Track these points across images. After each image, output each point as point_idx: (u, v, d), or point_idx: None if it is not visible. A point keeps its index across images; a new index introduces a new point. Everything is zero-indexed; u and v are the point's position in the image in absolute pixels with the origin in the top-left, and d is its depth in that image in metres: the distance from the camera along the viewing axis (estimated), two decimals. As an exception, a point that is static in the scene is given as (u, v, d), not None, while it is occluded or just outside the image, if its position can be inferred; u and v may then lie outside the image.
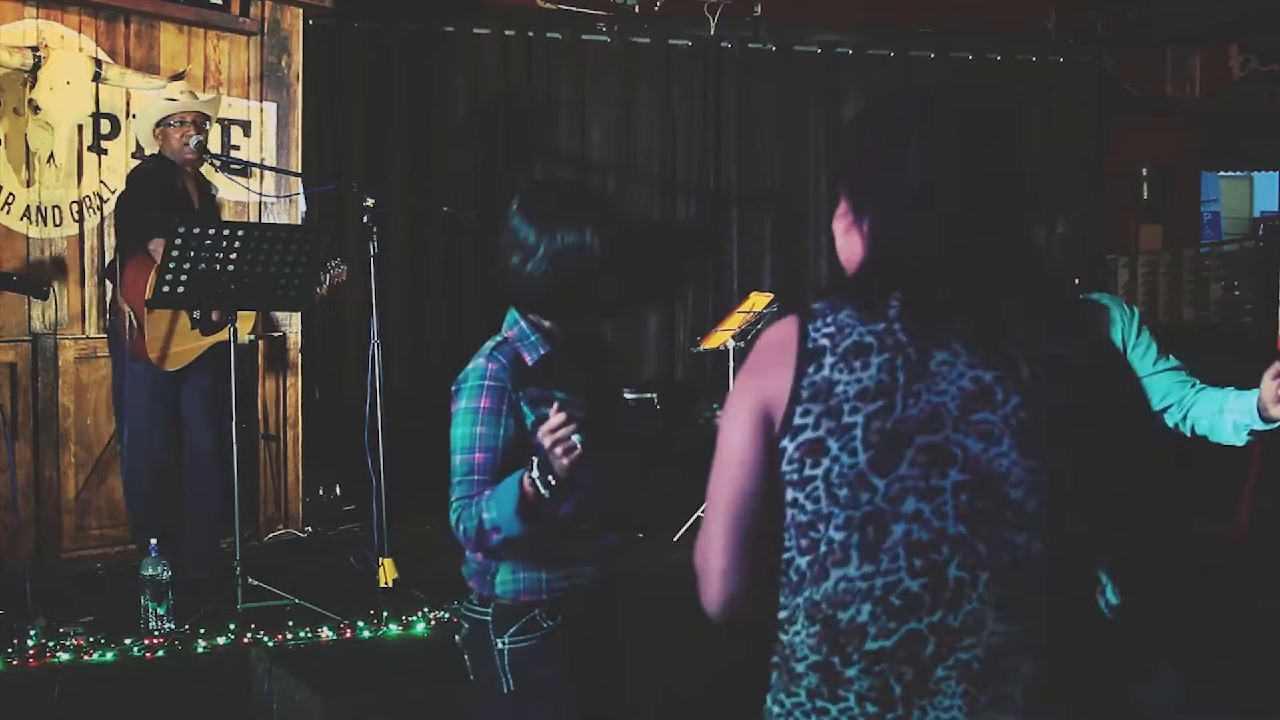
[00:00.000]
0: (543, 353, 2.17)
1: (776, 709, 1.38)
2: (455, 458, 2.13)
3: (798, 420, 1.34)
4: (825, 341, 1.34)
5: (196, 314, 4.18)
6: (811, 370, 1.34)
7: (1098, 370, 1.39)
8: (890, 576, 1.31)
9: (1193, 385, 2.57)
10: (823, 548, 1.34)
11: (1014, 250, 1.41)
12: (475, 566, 2.21)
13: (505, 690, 2.14)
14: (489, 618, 2.17)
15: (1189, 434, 2.55)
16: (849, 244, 1.44)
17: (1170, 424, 2.58)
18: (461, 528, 2.09)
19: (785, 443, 1.35)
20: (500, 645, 2.15)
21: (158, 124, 4.28)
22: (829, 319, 1.36)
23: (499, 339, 2.19)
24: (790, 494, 1.36)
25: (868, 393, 1.32)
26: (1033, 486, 1.30)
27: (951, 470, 1.31)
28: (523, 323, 2.19)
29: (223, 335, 4.20)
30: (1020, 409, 1.31)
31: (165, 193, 4.21)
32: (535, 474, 1.97)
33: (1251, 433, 2.43)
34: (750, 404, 1.38)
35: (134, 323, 4.17)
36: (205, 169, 4.48)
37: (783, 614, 1.38)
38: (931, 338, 1.33)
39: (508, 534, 2.03)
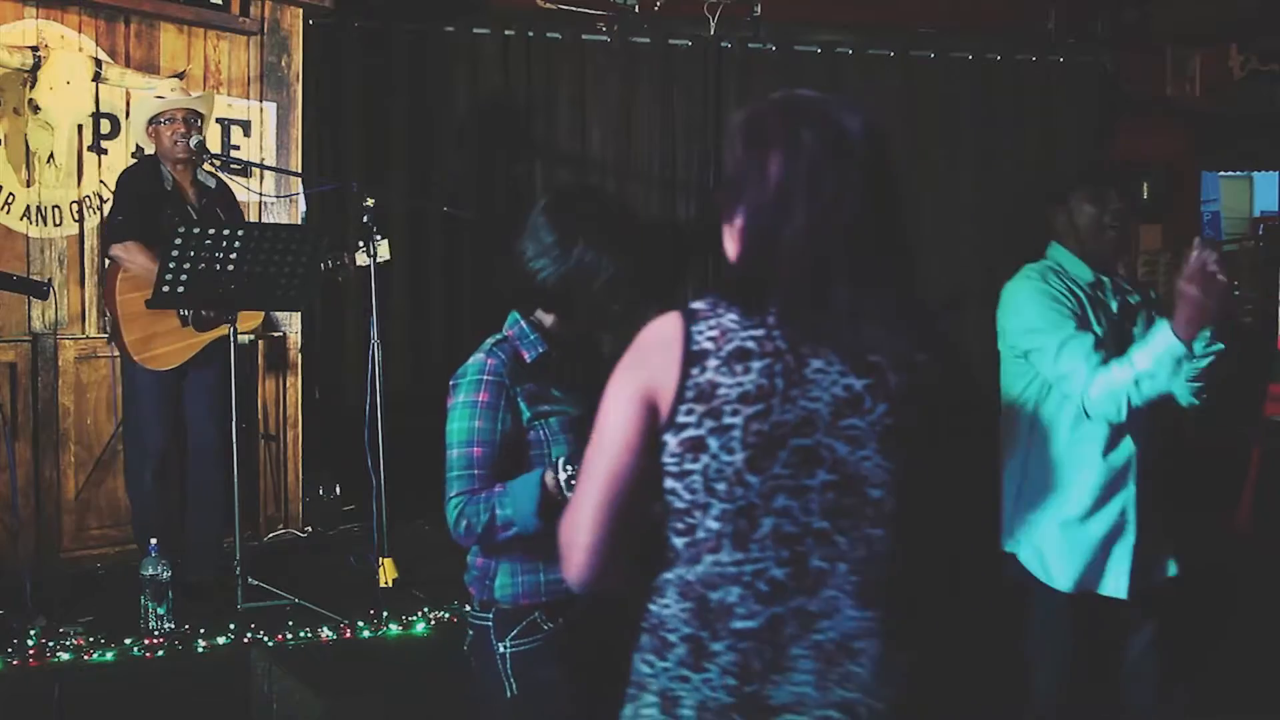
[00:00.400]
0: (541, 351, 2.18)
1: (646, 669, 1.51)
2: (452, 451, 2.12)
3: (681, 418, 1.43)
4: (709, 345, 1.44)
5: (185, 312, 4.17)
6: (696, 372, 1.43)
7: (951, 379, 1.47)
8: (759, 564, 1.44)
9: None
10: (699, 533, 1.46)
11: (884, 259, 1.47)
12: (475, 573, 2.21)
13: (509, 695, 2.14)
14: (490, 623, 2.18)
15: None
16: (729, 246, 1.52)
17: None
18: (464, 523, 2.08)
19: (667, 437, 1.45)
20: (502, 649, 2.15)
21: (150, 122, 4.28)
22: (712, 321, 1.45)
23: (499, 336, 2.20)
24: (669, 483, 1.46)
25: (748, 396, 1.42)
26: (892, 487, 1.43)
27: (819, 471, 1.42)
28: (523, 322, 2.21)
29: (220, 332, 4.20)
30: (885, 416, 1.42)
31: (145, 192, 4.20)
32: (567, 474, 1.98)
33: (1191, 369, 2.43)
34: (633, 393, 1.47)
35: (113, 326, 4.17)
36: (205, 166, 4.47)
37: (656, 586, 1.51)
38: (807, 346, 1.43)
39: (522, 531, 2.03)
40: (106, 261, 4.36)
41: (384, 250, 4.43)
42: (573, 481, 1.95)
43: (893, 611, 1.44)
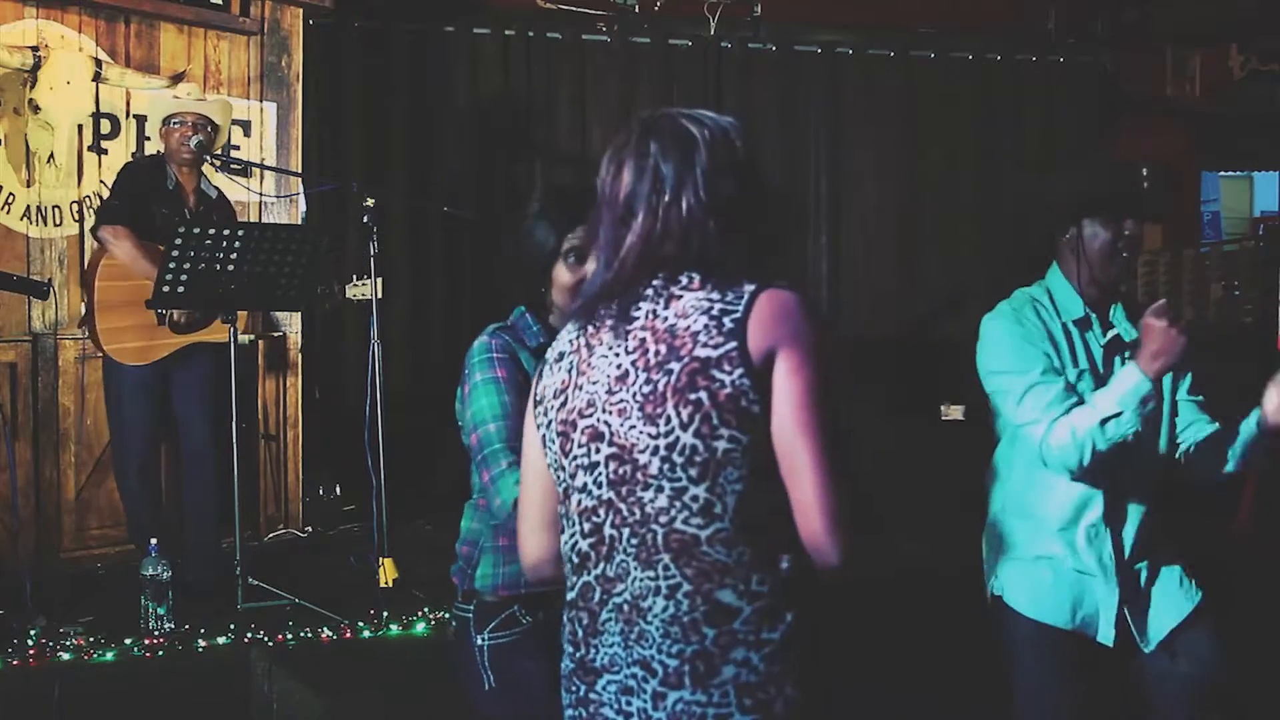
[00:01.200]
0: (542, 340, 2.19)
1: None
2: (486, 427, 2.10)
3: (536, 420, 1.66)
4: (550, 354, 1.66)
5: (163, 312, 4.16)
6: (538, 380, 1.67)
7: (730, 332, 1.49)
8: (573, 539, 1.59)
9: (1208, 422, 2.54)
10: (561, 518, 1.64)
11: (724, 248, 1.56)
12: (460, 563, 2.23)
13: (486, 687, 2.16)
14: (470, 614, 2.19)
15: (1181, 458, 2.54)
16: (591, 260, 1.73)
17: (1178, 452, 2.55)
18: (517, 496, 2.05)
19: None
20: (480, 641, 2.16)
21: (163, 122, 4.29)
22: (561, 332, 1.67)
23: (500, 324, 2.24)
24: None
25: (555, 391, 1.62)
26: (654, 450, 1.50)
27: (602, 445, 1.54)
28: (528, 315, 2.24)
29: (208, 334, 4.20)
30: (644, 384, 1.51)
31: (144, 189, 4.21)
32: None
33: (1243, 453, 2.43)
34: (530, 402, 1.70)
35: (88, 312, 4.17)
36: (205, 169, 4.47)
37: None
38: (595, 337, 1.59)
39: None
40: (91, 247, 4.36)
41: (365, 290, 4.39)
42: None
43: (679, 570, 1.48)
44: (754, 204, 1.61)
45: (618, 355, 1.55)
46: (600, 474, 1.54)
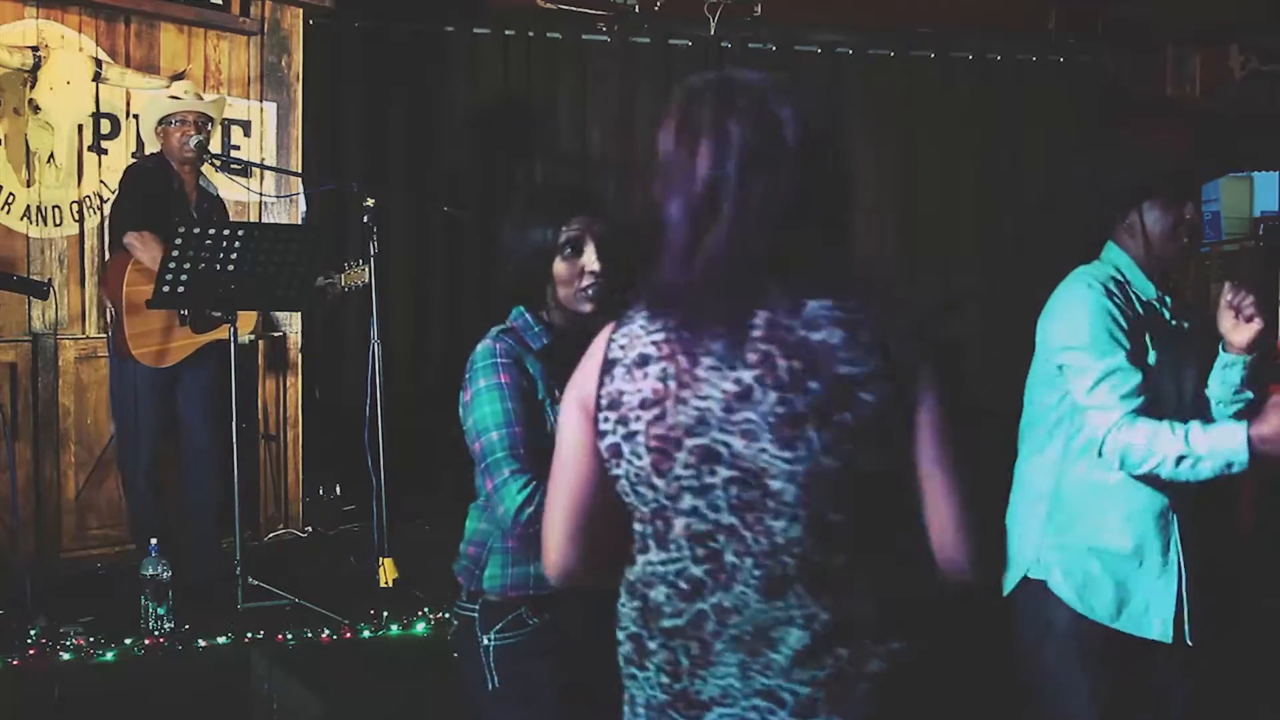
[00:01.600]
0: (546, 342, 2.18)
1: (620, 661, 1.56)
2: (490, 435, 2.08)
3: (601, 426, 1.49)
4: (619, 353, 1.49)
5: (184, 310, 4.17)
6: (608, 381, 1.49)
7: (869, 349, 1.41)
8: (679, 563, 1.46)
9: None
10: (634, 533, 1.51)
11: (812, 252, 1.44)
12: (465, 562, 2.21)
13: (490, 687, 2.14)
14: (476, 614, 2.18)
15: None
16: (657, 243, 1.51)
17: None
18: (531, 509, 2.01)
19: (599, 443, 1.50)
20: (486, 642, 2.15)
21: (160, 122, 4.28)
22: (626, 329, 1.50)
23: (503, 326, 2.21)
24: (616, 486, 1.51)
25: (646, 401, 1.45)
26: (791, 476, 1.39)
27: (719, 468, 1.42)
28: (527, 315, 2.22)
29: (220, 334, 4.20)
30: (777, 404, 1.39)
31: (156, 191, 4.21)
32: None
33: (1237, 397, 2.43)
34: (576, 400, 1.54)
35: (115, 317, 4.18)
36: (205, 169, 4.47)
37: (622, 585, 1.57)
38: (699, 344, 1.43)
39: None
40: (108, 254, 4.37)
41: (362, 275, 4.43)
42: None
43: (815, 599, 1.42)
44: (844, 190, 1.50)
45: (734, 369, 1.41)
46: (718, 498, 1.42)
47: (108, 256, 4.40)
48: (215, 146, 4.84)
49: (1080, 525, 2.44)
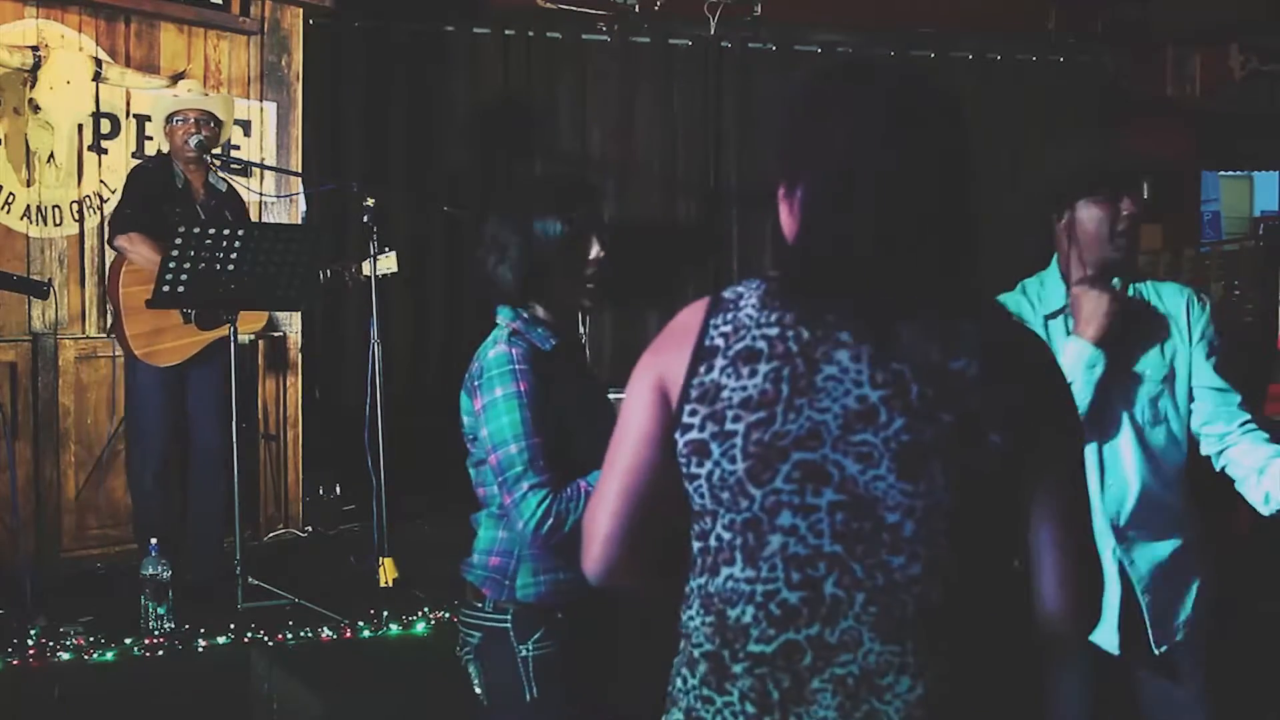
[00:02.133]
0: (554, 342, 2.14)
1: (679, 683, 1.39)
2: (508, 447, 2.03)
3: (685, 419, 1.33)
4: (720, 341, 1.33)
5: (188, 309, 4.17)
6: (703, 370, 1.33)
7: (1005, 387, 1.28)
8: (770, 585, 1.30)
9: (1241, 422, 2.38)
10: (712, 542, 1.34)
11: (943, 251, 1.32)
12: (487, 572, 2.14)
13: (529, 698, 2.08)
14: (508, 624, 2.11)
15: (1218, 468, 2.41)
16: (788, 225, 1.38)
17: (1203, 451, 2.41)
18: (551, 521, 2.00)
19: (677, 436, 1.35)
20: (524, 652, 2.09)
21: (166, 120, 4.30)
22: (730, 315, 1.34)
23: (507, 331, 2.15)
24: (685, 484, 1.36)
25: (750, 402, 1.30)
26: (909, 510, 1.26)
27: (826, 489, 1.28)
28: (525, 315, 2.16)
29: (223, 331, 4.20)
30: (903, 431, 1.26)
31: (154, 191, 4.21)
32: None
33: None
34: (651, 381, 1.38)
35: (115, 318, 4.18)
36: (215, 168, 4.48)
37: (686, 592, 1.40)
38: (821, 349, 1.29)
39: None
40: (109, 255, 4.37)
41: (391, 262, 4.45)
42: None
43: (931, 646, 1.27)
44: (976, 197, 1.36)
45: (860, 385, 1.28)
46: (820, 522, 1.28)
47: (109, 256, 4.40)
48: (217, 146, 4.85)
49: None
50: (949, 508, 1.26)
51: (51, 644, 3.56)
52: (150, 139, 4.85)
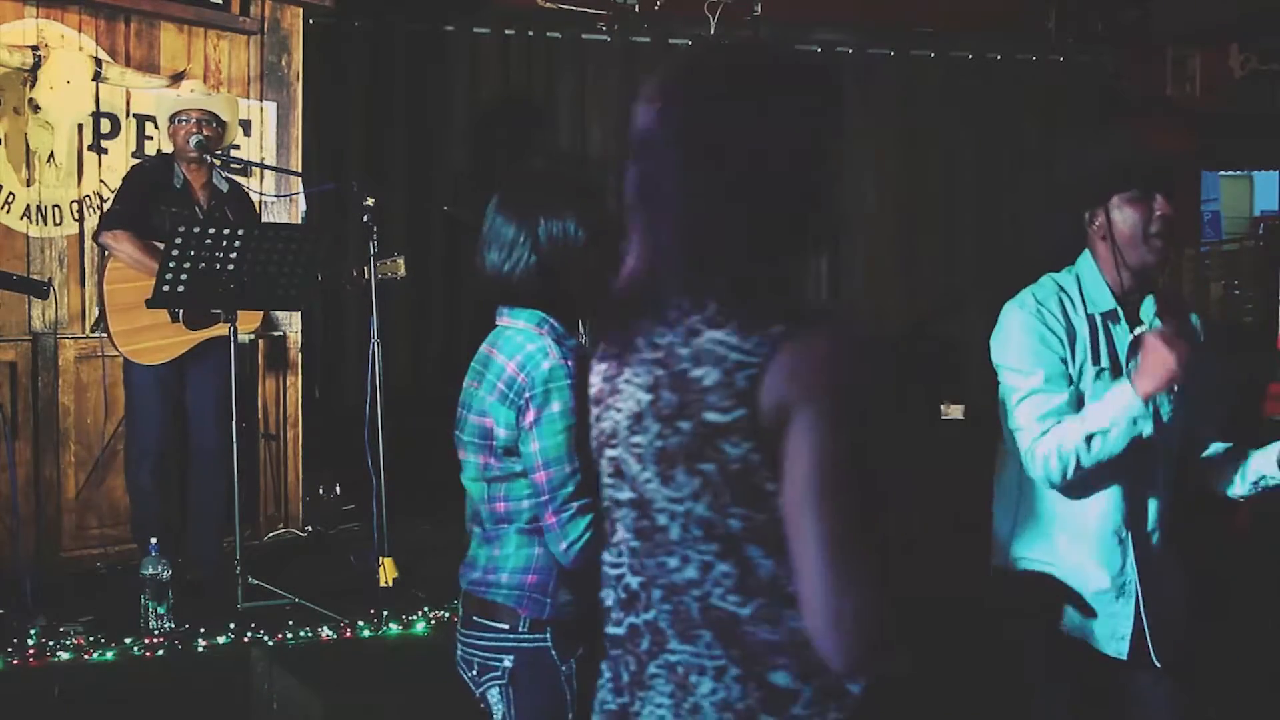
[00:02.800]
0: (584, 351, 2.07)
1: None
2: (564, 467, 1.95)
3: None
4: (598, 348, 1.41)
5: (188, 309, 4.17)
6: (586, 377, 1.44)
7: (749, 395, 1.21)
8: (618, 569, 1.36)
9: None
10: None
11: (707, 259, 1.27)
12: (522, 591, 2.04)
13: (570, 714, 2.02)
14: (548, 643, 2.03)
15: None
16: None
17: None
18: (596, 537, 1.89)
19: None
20: (566, 670, 2.03)
21: (170, 120, 4.30)
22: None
23: (550, 339, 2.04)
24: None
25: (595, 399, 1.39)
26: (672, 515, 1.27)
27: (625, 486, 1.32)
28: (552, 321, 2.07)
29: (213, 332, 4.20)
30: (657, 438, 1.27)
31: (149, 190, 4.21)
32: None
33: (1253, 488, 2.35)
34: None
35: (100, 316, 4.19)
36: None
37: None
38: (622, 356, 1.33)
39: None
40: (99, 252, 4.38)
41: (399, 267, 4.46)
42: None
43: (724, 650, 1.25)
44: (812, 192, 1.28)
45: (636, 390, 1.30)
46: (627, 515, 1.33)
47: (99, 253, 4.40)
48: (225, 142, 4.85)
49: (1039, 545, 2.39)
50: (701, 515, 1.25)
51: (51, 644, 3.56)
52: (150, 139, 4.85)
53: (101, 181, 4.77)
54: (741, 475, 1.22)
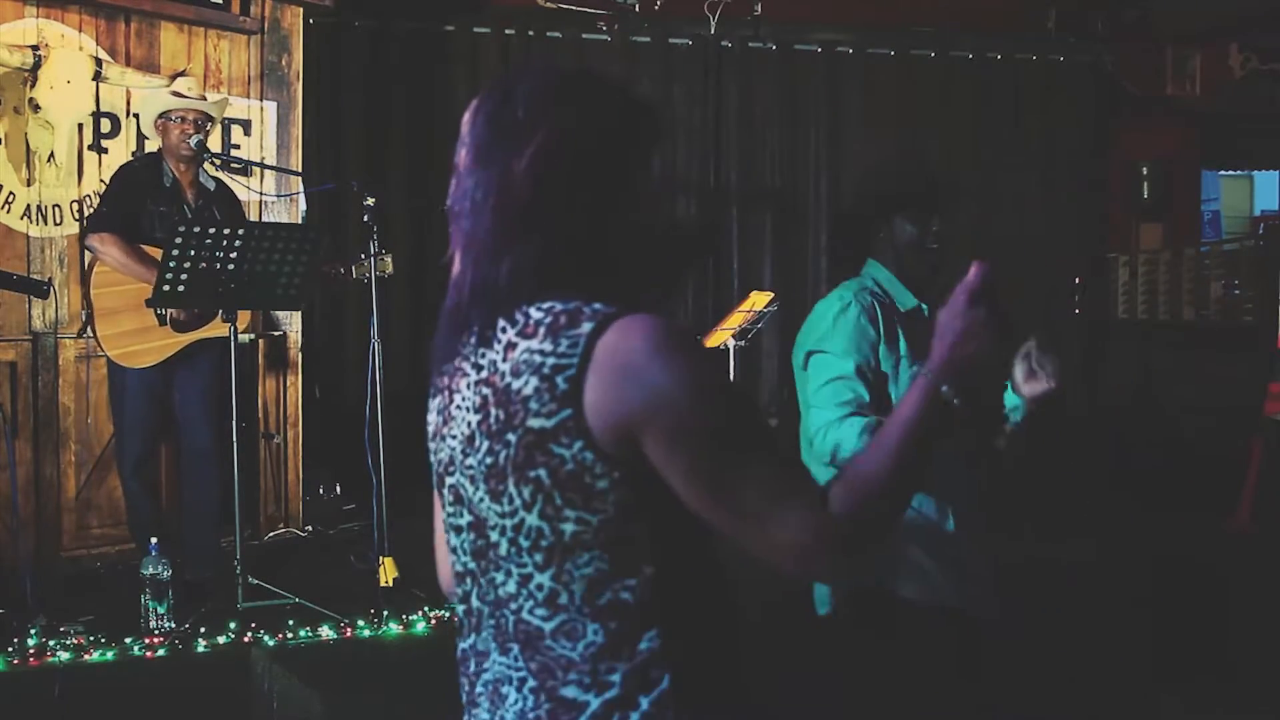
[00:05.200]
0: None
1: None
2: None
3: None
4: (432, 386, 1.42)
5: (162, 310, 4.16)
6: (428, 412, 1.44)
7: (569, 398, 1.23)
8: (459, 595, 1.40)
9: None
10: None
11: (519, 268, 1.29)
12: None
13: None
14: None
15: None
16: None
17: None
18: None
19: None
20: None
21: (159, 116, 4.28)
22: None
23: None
24: None
25: (433, 433, 1.41)
26: (502, 530, 1.30)
27: (464, 510, 1.35)
28: None
29: (208, 332, 4.20)
30: (487, 455, 1.30)
31: (138, 191, 4.21)
32: None
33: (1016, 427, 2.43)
34: None
35: (87, 319, 4.18)
36: (207, 168, 4.47)
37: None
38: (456, 379, 1.35)
39: None
40: (84, 254, 4.37)
41: (387, 265, 4.45)
42: None
43: (525, 662, 1.30)
44: (608, 185, 1.32)
45: (467, 414, 1.32)
46: (466, 540, 1.36)
47: (87, 255, 4.40)
48: (215, 145, 4.85)
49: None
50: (532, 525, 1.27)
51: (51, 644, 3.56)
52: (148, 138, 4.85)
53: (102, 181, 4.77)
54: (574, 476, 1.24)
